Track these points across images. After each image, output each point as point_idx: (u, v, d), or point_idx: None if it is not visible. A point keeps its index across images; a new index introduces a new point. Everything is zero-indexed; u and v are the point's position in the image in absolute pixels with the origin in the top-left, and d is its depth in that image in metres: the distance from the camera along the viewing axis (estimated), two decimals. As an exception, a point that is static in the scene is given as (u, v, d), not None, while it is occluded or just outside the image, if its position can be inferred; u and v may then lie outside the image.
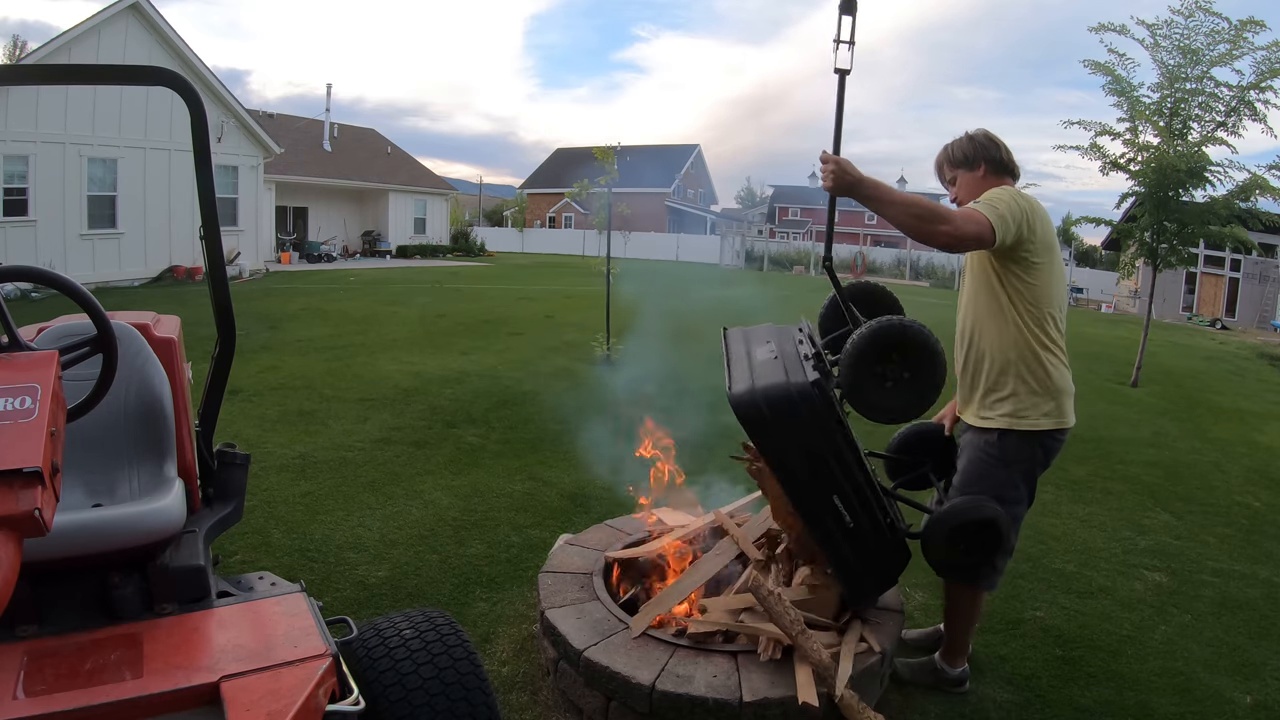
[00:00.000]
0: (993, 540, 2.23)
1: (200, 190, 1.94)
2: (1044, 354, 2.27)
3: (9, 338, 1.32)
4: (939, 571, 2.44)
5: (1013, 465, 2.32)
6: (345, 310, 11.49)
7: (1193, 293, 22.41)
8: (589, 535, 3.12)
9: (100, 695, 1.24)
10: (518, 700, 2.44)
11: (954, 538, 2.23)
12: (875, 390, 2.05)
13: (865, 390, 2.06)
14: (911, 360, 2.06)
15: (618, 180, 8.33)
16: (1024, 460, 2.32)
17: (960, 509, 2.24)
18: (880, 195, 2.05)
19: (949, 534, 2.23)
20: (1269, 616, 3.26)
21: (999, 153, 2.35)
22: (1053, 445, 2.35)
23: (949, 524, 2.23)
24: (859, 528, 2.23)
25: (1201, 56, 8.05)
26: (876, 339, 2.04)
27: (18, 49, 26.25)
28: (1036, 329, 2.25)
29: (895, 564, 2.38)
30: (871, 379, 2.04)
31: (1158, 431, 6.63)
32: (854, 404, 2.11)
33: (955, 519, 2.23)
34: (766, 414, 2.08)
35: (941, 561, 2.32)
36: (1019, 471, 2.33)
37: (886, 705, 2.44)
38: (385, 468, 4.56)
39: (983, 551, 2.25)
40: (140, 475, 1.81)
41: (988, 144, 2.36)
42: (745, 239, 34.23)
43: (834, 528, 2.22)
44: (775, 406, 2.07)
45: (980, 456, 2.35)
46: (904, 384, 2.05)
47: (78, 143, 13.46)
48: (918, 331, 2.05)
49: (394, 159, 27.69)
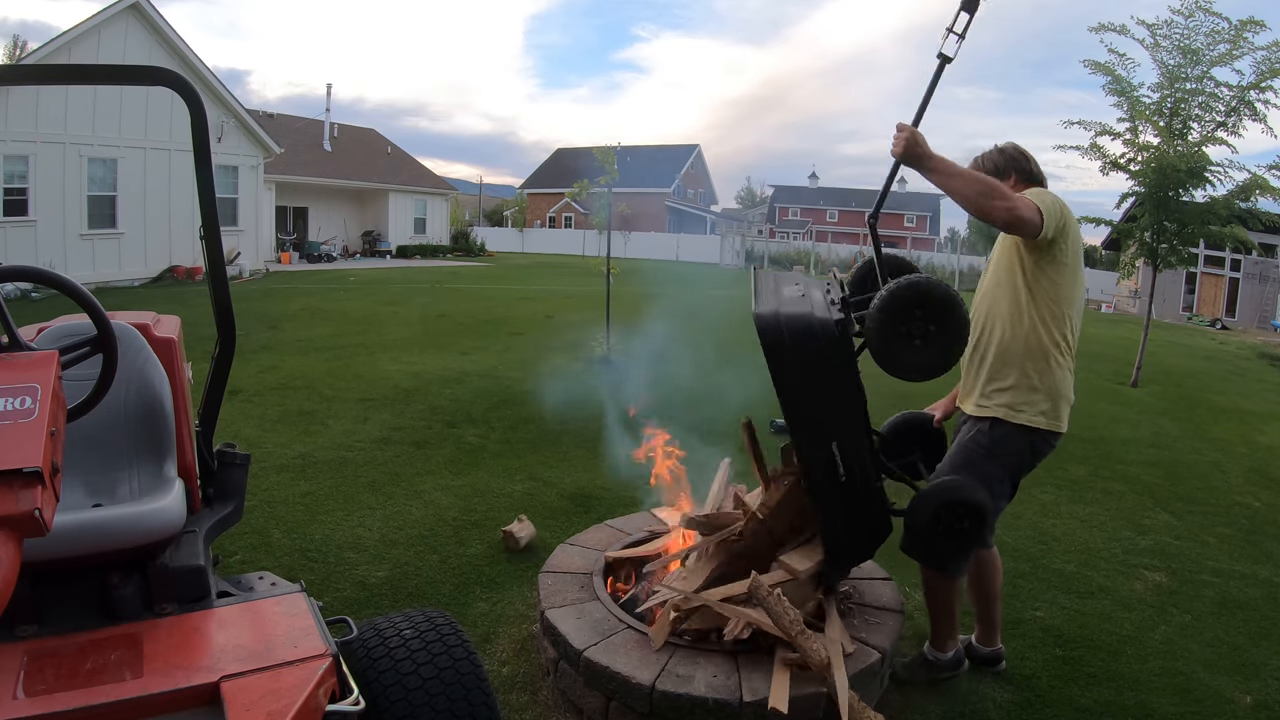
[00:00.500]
0: (974, 526, 2.24)
1: (200, 190, 1.94)
2: (1053, 353, 2.31)
3: (9, 338, 1.32)
4: (912, 551, 2.41)
5: (1000, 457, 2.35)
6: (345, 310, 11.49)
7: (1193, 293, 22.40)
8: (589, 535, 3.12)
9: (100, 695, 1.24)
10: (518, 700, 2.44)
11: (939, 515, 2.24)
12: (901, 346, 2.06)
13: (890, 344, 2.06)
14: (936, 318, 2.06)
15: (618, 180, 8.33)
16: (1010, 454, 2.36)
17: (951, 486, 2.26)
18: (946, 169, 2.14)
19: (935, 510, 2.24)
20: (1269, 616, 3.26)
21: (1028, 164, 2.45)
22: (1041, 447, 2.38)
23: (938, 499, 2.24)
24: (851, 484, 2.23)
25: (1201, 56, 8.05)
26: (905, 293, 2.03)
27: (18, 49, 26.28)
28: (1053, 327, 2.30)
29: (879, 530, 2.37)
30: (897, 335, 2.04)
31: (1158, 431, 6.63)
32: (879, 358, 2.10)
33: (945, 495, 2.24)
34: (786, 339, 2.13)
35: (920, 537, 2.30)
36: (1004, 464, 2.36)
37: (886, 705, 2.44)
38: (385, 468, 4.56)
39: (961, 536, 2.26)
40: (140, 475, 1.81)
41: (1017, 156, 2.46)
42: (745, 239, 34.23)
43: (826, 480, 2.22)
44: (796, 333, 2.13)
45: (969, 444, 2.40)
46: (929, 340, 2.04)
47: (78, 143, 13.47)
48: (943, 289, 2.05)
49: (394, 159, 27.69)
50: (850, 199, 47.57)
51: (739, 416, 2.93)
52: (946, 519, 2.24)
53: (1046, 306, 2.29)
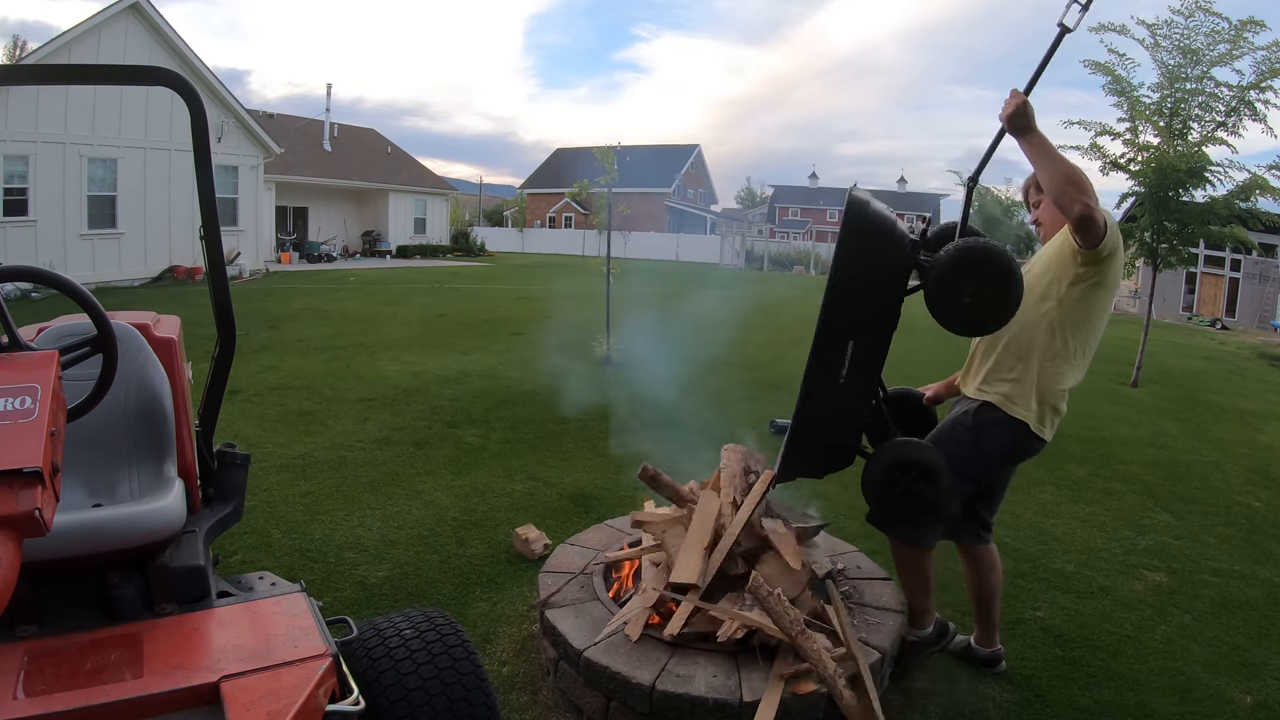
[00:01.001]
0: (928, 488, 2.26)
1: (200, 190, 1.94)
2: (1060, 364, 2.34)
3: (9, 338, 1.32)
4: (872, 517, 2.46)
5: (980, 437, 2.39)
6: (345, 310, 11.49)
7: (1193, 293, 22.39)
8: (589, 535, 3.12)
9: (100, 695, 1.24)
10: (518, 700, 2.44)
11: (892, 474, 2.27)
12: (953, 296, 2.11)
13: (945, 290, 2.11)
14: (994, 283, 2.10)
15: (617, 180, 8.33)
16: (993, 438, 2.39)
17: (904, 445, 2.30)
18: (1044, 147, 2.17)
19: (887, 467, 2.27)
20: (1269, 616, 3.26)
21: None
22: (1024, 445, 2.40)
23: (889, 457, 2.28)
24: (843, 389, 2.26)
25: (1201, 56, 8.05)
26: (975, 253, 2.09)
27: (18, 49, 26.25)
28: (1071, 340, 2.34)
29: (839, 455, 2.40)
30: (955, 285, 2.09)
31: (1158, 431, 6.63)
32: (931, 297, 2.15)
33: (897, 454, 2.28)
34: (868, 221, 2.19)
35: (873, 495, 2.34)
36: (981, 445, 2.39)
37: (887, 705, 2.43)
38: (385, 468, 4.56)
39: (915, 498, 2.28)
40: (140, 475, 1.81)
41: None
42: (745, 239, 34.23)
43: (824, 378, 2.24)
44: (878, 227, 2.21)
45: (957, 418, 2.46)
46: (979, 300, 2.10)
47: (78, 143, 13.47)
48: (1010, 262, 2.10)
49: (394, 159, 27.69)
50: (850, 199, 47.45)
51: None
52: (900, 479, 2.26)
53: (1072, 320, 2.32)
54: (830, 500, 3.94)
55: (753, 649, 2.30)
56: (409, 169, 27.84)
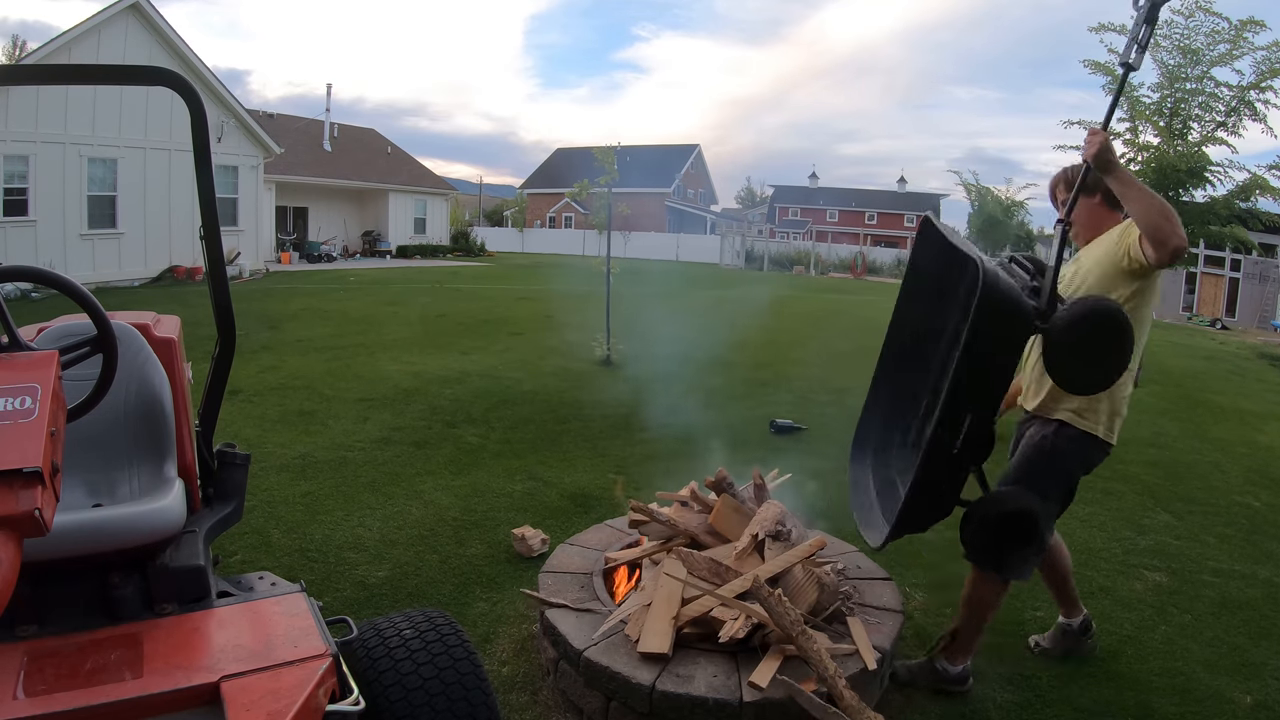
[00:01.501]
0: (1030, 531, 2.30)
1: (200, 190, 1.94)
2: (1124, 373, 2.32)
3: (9, 338, 1.32)
4: (969, 554, 2.45)
5: (1064, 461, 2.44)
6: (345, 310, 11.49)
7: (1193, 293, 22.41)
8: (589, 535, 3.12)
9: (100, 695, 1.24)
10: (518, 700, 2.44)
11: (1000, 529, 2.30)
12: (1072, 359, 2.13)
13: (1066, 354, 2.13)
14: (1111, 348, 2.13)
15: (617, 180, 8.33)
16: (1072, 456, 2.44)
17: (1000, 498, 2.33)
18: (1132, 181, 2.20)
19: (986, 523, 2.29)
20: (1269, 616, 3.26)
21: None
22: (1096, 455, 2.47)
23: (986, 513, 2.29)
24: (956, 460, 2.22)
25: (1201, 56, 8.06)
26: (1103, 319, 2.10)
27: (18, 49, 26.23)
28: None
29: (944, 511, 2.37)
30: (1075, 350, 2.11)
31: (1158, 431, 6.63)
32: (1049, 358, 2.16)
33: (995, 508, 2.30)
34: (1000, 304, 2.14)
35: (972, 546, 2.38)
36: (1066, 468, 2.45)
37: (887, 705, 2.44)
38: (385, 468, 4.56)
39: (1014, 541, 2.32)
40: (140, 475, 1.81)
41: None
42: (745, 239, 34.22)
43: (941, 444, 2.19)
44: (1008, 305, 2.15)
45: (1036, 445, 2.48)
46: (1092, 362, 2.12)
47: (78, 143, 13.46)
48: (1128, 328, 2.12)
49: (394, 159, 27.68)
50: (850, 199, 47.56)
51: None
52: (1008, 533, 2.30)
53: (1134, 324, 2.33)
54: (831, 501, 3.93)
55: (753, 649, 2.30)
56: (409, 169, 27.84)
